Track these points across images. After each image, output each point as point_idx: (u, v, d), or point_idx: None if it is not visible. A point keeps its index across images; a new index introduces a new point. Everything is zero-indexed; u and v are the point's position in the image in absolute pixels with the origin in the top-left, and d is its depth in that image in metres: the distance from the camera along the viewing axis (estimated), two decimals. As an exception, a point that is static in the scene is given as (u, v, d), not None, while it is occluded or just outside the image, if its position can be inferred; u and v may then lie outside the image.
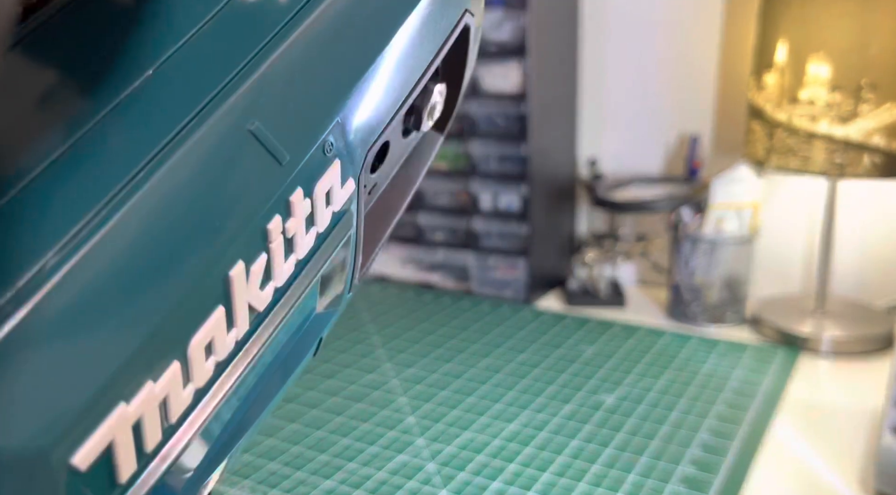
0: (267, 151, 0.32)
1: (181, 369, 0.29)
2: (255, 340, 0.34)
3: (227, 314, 0.31)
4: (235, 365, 0.33)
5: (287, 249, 0.34)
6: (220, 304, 0.31)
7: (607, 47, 1.05)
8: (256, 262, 0.32)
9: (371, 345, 0.88)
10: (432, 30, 0.43)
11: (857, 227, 0.94)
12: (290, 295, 0.36)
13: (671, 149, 1.04)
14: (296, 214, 0.34)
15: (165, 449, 0.30)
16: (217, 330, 0.31)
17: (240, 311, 0.32)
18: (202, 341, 0.30)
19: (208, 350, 0.31)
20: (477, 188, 1.02)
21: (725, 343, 0.86)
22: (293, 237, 0.35)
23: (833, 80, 0.77)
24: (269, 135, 0.32)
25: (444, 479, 0.61)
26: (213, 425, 0.33)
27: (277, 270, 0.34)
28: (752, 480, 0.60)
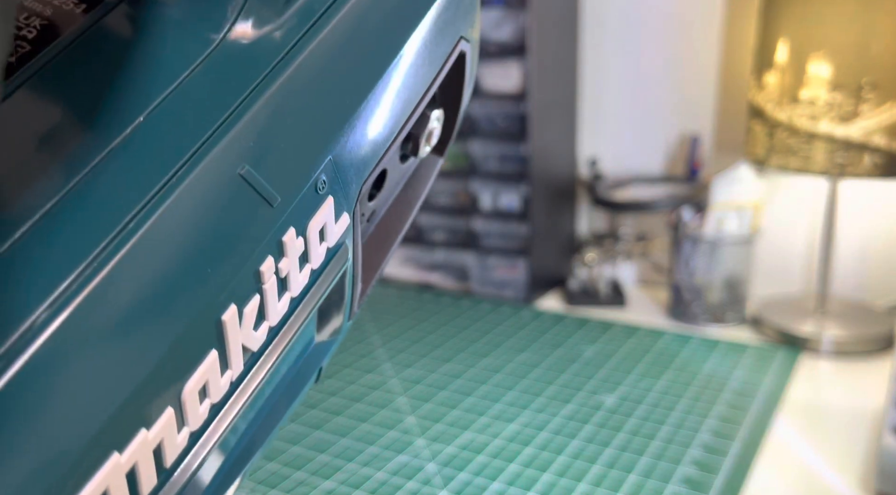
0: (258, 195, 0.32)
1: (175, 414, 0.29)
2: (251, 379, 0.34)
3: (221, 357, 0.31)
4: (231, 404, 0.33)
5: (280, 289, 0.34)
6: (213, 348, 0.31)
7: (607, 47, 1.05)
8: (249, 304, 0.32)
9: (371, 345, 0.87)
10: (427, 60, 0.42)
11: (858, 227, 0.93)
12: (285, 332, 0.35)
13: (671, 148, 1.04)
14: (288, 254, 0.34)
15: (162, 493, 0.30)
16: (211, 373, 0.31)
17: (234, 353, 0.32)
18: (196, 385, 0.30)
19: (202, 393, 0.31)
20: (477, 188, 1.01)
21: (726, 343, 0.86)
22: (286, 276, 0.34)
23: (834, 80, 0.76)
24: (260, 178, 0.32)
25: (443, 479, 0.61)
26: (210, 462, 0.33)
27: (271, 310, 0.34)
28: (753, 480, 0.60)
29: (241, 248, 0.31)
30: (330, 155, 0.36)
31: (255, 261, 0.32)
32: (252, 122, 0.32)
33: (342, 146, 0.37)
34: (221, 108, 0.31)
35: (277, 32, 0.34)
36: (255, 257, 0.32)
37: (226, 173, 0.31)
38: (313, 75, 0.35)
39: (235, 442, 0.35)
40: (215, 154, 0.30)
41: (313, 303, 0.37)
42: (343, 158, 0.37)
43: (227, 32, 0.33)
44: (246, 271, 0.32)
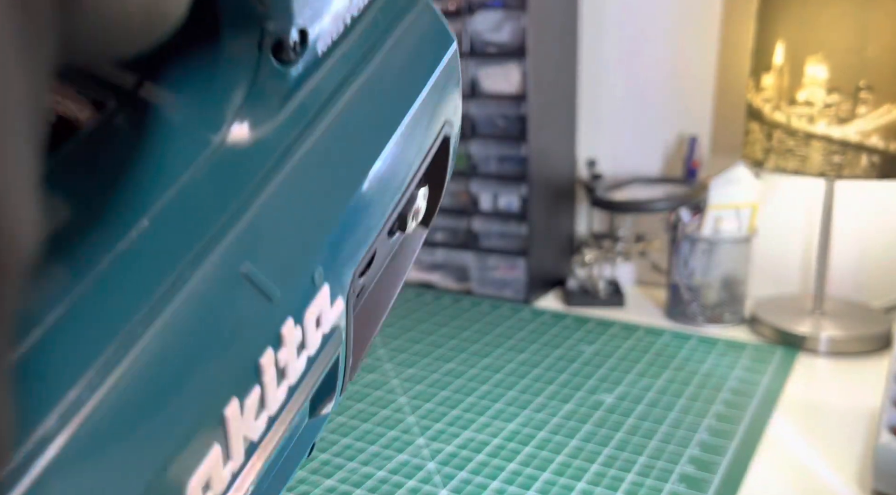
0: (259, 291, 0.32)
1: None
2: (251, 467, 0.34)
3: (224, 449, 0.31)
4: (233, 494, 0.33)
5: (279, 378, 0.34)
6: (216, 443, 0.31)
7: (606, 48, 1.05)
8: (251, 396, 0.32)
9: (371, 345, 0.88)
10: (413, 149, 0.43)
11: (855, 228, 0.94)
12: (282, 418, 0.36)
13: (670, 149, 1.04)
14: (287, 344, 0.34)
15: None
16: (214, 468, 0.31)
17: (235, 445, 0.32)
18: (200, 481, 0.30)
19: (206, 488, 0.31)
20: (477, 188, 1.02)
21: (724, 342, 0.86)
22: (285, 366, 0.35)
23: (831, 81, 0.77)
24: (261, 275, 0.32)
25: (443, 479, 0.61)
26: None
27: (270, 400, 0.34)
28: (751, 479, 0.61)
29: (243, 344, 0.32)
30: (326, 247, 0.37)
31: (256, 355, 0.32)
32: (252, 220, 0.32)
33: (337, 237, 0.37)
34: (221, 209, 0.32)
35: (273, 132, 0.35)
36: (255, 350, 0.32)
37: (228, 272, 0.31)
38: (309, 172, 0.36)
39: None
40: (218, 254, 0.31)
41: (310, 388, 0.38)
42: (338, 249, 0.38)
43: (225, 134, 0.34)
44: (247, 365, 0.32)
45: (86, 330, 0.27)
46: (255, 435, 0.33)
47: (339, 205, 0.38)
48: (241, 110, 0.35)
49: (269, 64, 0.35)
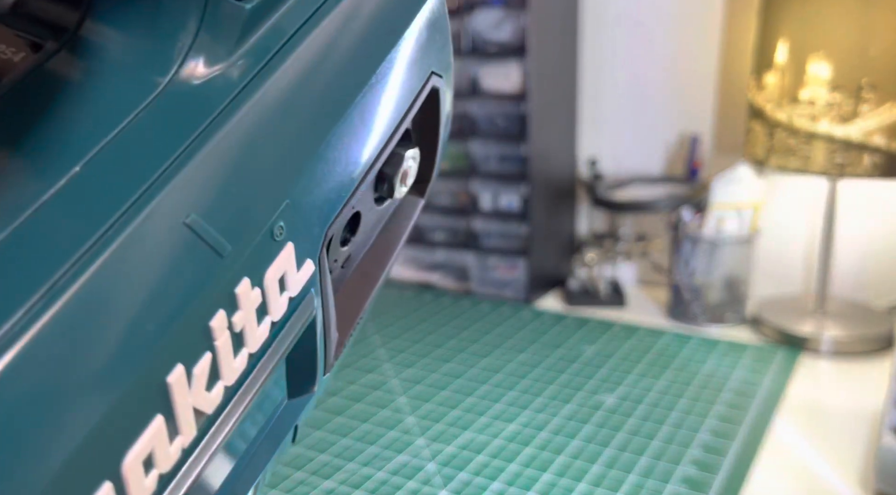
0: (206, 245, 0.29)
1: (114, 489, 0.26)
2: (207, 444, 0.31)
3: (169, 422, 0.28)
4: (185, 473, 0.30)
5: (236, 344, 0.32)
6: (157, 413, 0.28)
7: (607, 47, 1.05)
8: (199, 363, 0.30)
9: (371, 345, 0.88)
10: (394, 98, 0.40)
11: (858, 227, 0.93)
12: (244, 391, 0.33)
13: (671, 149, 1.04)
14: (243, 307, 0.31)
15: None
16: (157, 441, 0.28)
17: (184, 418, 0.29)
18: (139, 456, 0.27)
19: (147, 464, 0.28)
20: (477, 188, 1.01)
21: (726, 343, 0.86)
22: (242, 331, 0.32)
23: (833, 80, 0.77)
24: (208, 227, 0.29)
25: (444, 479, 0.61)
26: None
27: (226, 368, 0.31)
28: (753, 480, 0.60)
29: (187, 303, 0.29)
30: (287, 199, 0.33)
31: (205, 316, 0.29)
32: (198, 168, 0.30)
33: (301, 190, 0.34)
34: (164, 155, 0.29)
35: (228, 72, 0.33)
36: (203, 312, 0.29)
37: (169, 223, 0.28)
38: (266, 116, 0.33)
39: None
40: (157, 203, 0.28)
41: (276, 358, 0.35)
42: (303, 203, 0.34)
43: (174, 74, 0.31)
44: (194, 328, 0.29)
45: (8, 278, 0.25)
46: (208, 407, 0.31)
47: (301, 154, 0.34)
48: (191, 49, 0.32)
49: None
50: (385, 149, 0.41)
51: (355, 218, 0.42)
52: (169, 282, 0.28)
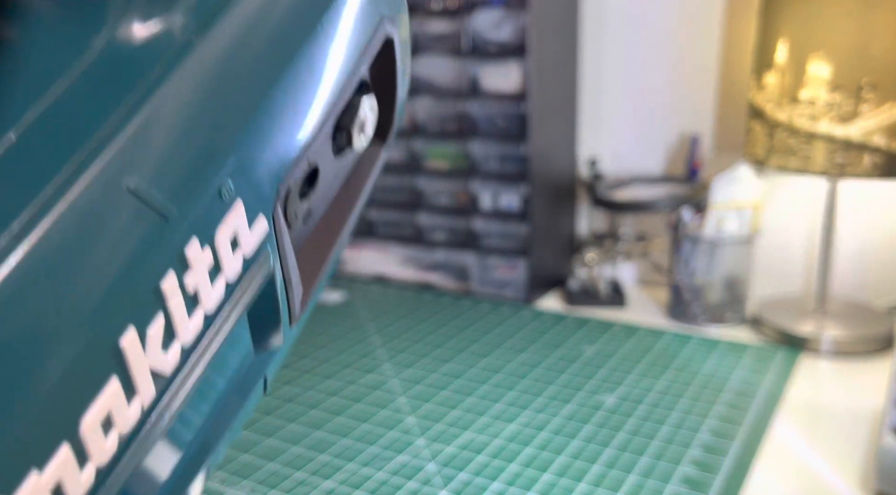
0: (150, 208, 0.29)
1: (73, 451, 0.27)
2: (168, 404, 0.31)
3: (125, 384, 0.29)
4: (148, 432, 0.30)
5: (190, 305, 0.31)
6: (112, 375, 0.28)
7: (607, 47, 1.05)
8: (153, 325, 0.30)
9: (371, 345, 0.88)
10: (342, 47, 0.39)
11: (858, 227, 0.93)
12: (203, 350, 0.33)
13: (671, 148, 1.04)
14: (194, 267, 0.31)
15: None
16: (114, 403, 0.28)
17: (140, 379, 0.29)
18: (96, 418, 0.27)
19: (106, 425, 0.28)
20: (477, 188, 1.01)
21: (726, 343, 0.86)
22: (196, 291, 0.32)
23: (833, 80, 0.76)
24: (151, 190, 0.29)
25: (444, 479, 0.61)
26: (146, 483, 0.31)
27: (181, 329, 0.31)
28: (753, 480, 0.60)
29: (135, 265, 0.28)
30: (232, 157, 0.33)
31: (154, 278, 0.29)
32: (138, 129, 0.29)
33: (247, 147, 0.34)
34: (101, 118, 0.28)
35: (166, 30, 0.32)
36: (152, 274, 0.29)
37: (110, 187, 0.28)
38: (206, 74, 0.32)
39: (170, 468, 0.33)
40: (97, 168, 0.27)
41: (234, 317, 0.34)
42: (250, 159, 0.34)
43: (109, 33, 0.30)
44: (143, 289, 0.29)
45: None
46: (166, 368, 0.31)
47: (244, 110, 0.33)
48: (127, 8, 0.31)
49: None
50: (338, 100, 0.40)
51: (314, 171, 0.41)
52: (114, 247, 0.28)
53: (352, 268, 1.14)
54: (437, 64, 1.00)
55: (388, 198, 1.09)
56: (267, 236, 0.36)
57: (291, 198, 0.38)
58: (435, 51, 1.00)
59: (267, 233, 0.36)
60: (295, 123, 0.37)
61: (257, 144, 0.34)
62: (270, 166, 0.35)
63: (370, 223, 1.11)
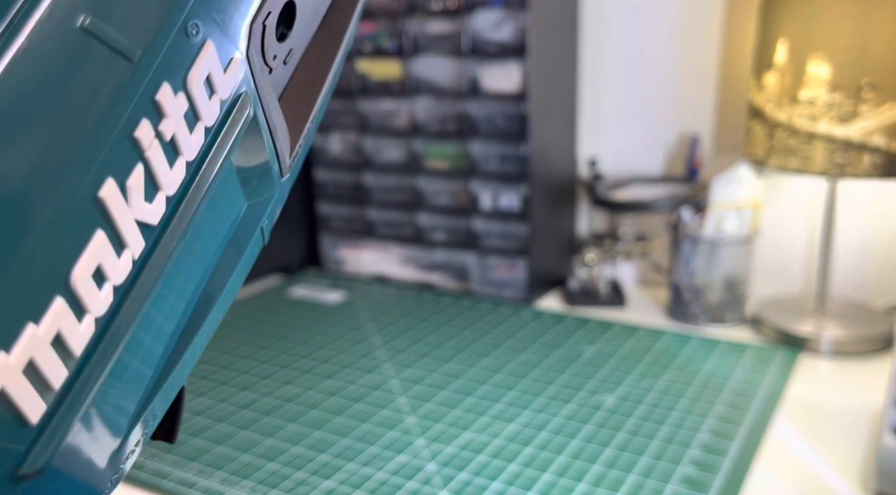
0: (110, 49, 0.28)
1: (67, 303, 0.27)
2: (161, 252, 0.32)
3: (112, 236, 0.29)
4: (144, 280, 0.31)
5: (170, 153, 0.31)
6: (97, 228, 0.28)
7: (607, 47, 1.05)
8: (132, 175, 0.29)
9: (371, 345, 0.88)
10: None
11: (858, 227, 0.94)
12: (190, 199, 0.33)
13: (671, 149, 1.04)
14: (169, 114, 0.30)
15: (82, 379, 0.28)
16: (102, 255, 0.28)
17: (127, 230, 0.30)
18: (86, 270, 0.28)
19: (98, 277, 0.29)
20: (477, 188, 1.01)
21: (726, 343, 0.86)
22: (173, 138, 0.31)
23: (833, 80, 0.77)
24: (109, 29, 0.28)
25: (444, 479, 0.61)
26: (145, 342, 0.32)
27: (164, 178, 0.31)
28: (753, 480, 0.60)
29: (103, 114, 0.28)
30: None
31: (127, 127, 0.29)
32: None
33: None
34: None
35: None
36: (124, 122, 0.28)
37: (62, 27, 0.26)
38: None
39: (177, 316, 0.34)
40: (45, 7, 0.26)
41: (219, 163, 0.34)
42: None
43: None
44: (117, 139, 0.28)
45: None
46: (152, 218, 0.31)
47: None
48: None
49: None
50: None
51: (291, 8, 0.40)
52: (77, 95, 0.27)
53: (352, 268, 1.14)
54: (437, 64, 1.00)
55: (388, 198, 1.09)
56: (244, 78, 0.35)
57: (268, 39, 0.37)
58: (435, 51, 1.00)
59: (244, 75, 0.35)
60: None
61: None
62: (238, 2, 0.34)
63: (370, 223, 1.11)
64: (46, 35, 0.26)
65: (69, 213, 0.27)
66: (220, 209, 0.36)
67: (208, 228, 0.35)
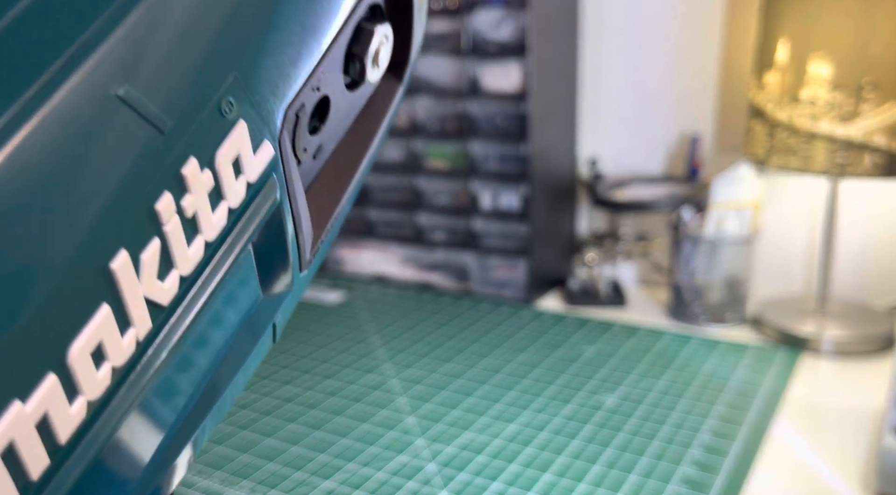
0: (142, 119, 0.27)
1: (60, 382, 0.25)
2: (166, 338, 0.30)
3: (117, 312, 0.27)
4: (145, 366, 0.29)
5: (189, 231, 0.30)
6: (103, 302, 0.26)
7: (607, 47, 1.04)
8: (147, 250, 0.28)
9: (371, 345, 0.87)
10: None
11: (859, 227, 0.93)
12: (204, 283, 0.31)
13: (672, 148, 1.04)
14: (193, 189, 0.29)
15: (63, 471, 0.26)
16: (105, 332, 0.27)
17: (135, 307, 0.28)
18: (86, 346, 0.26)
19: (98, 356, 0.27)
20: (477, 188, 1.01)
21: (726, 343, 0.86)
22: (195, 216, 0.30)
23: (834, 80, 0.76)
24: (144, 99, 0.27)
25: (444, 479, 0.61)
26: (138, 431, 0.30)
27: (180, 256, 0.29)
28: (753, 481, 0.60)
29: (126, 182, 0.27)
30: (234, 71, 0.30)
31: (148, 198, 0.27)
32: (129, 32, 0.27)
33: (251, 62, 0.31)
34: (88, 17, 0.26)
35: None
36: (146, 193, 0.27)
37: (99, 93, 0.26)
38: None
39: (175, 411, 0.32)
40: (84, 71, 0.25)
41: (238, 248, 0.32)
42: (253, 76, 0.32)
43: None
44: (136, 210, 0.27)
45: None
46: (163, 298, 0.29)
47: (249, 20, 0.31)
48: None
49: None
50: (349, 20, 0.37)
51: (325, 104, 0.39)
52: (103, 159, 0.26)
53: (352, 268, 1.14)
54: (437, 63, 1.00)
55: (388, 198, 1.09)
56: (273, 163, 0.33)
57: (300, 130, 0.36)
58: (435, 50, 0.99)
59: (273, 160, 0.33)
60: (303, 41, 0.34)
61: (262, 60, 0.32)
62: (276, 87, 0.33)
63: (370, 223, 1.11)
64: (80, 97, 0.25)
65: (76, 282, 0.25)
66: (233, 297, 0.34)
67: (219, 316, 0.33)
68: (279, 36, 0.33)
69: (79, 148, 0.25)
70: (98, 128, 0.26)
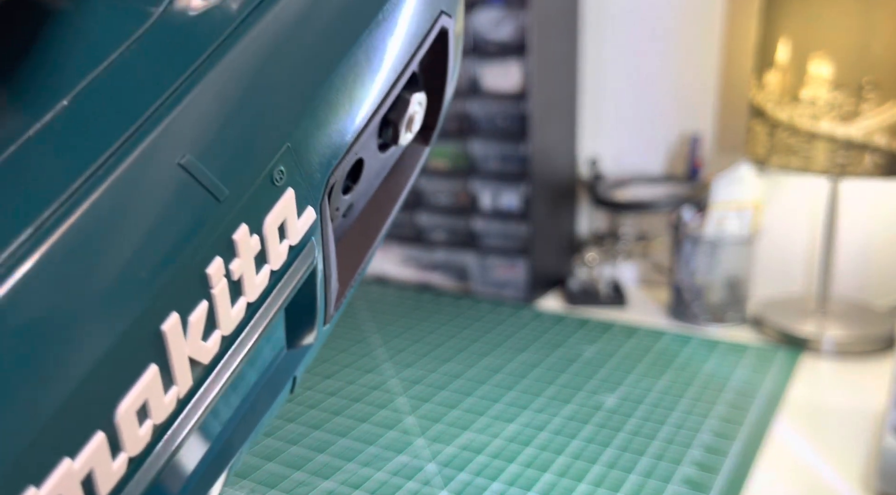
0: (201, 187, 0.28)
1: (107, 439, 0.26)
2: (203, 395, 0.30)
3: (163, 372, 0.28)
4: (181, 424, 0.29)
5: (234, 293, 0.31)
6: (151, 363, 0.27)
7: (607, 47, 1.04)
8: (196, 312, 0.29)
9: (370, 345, 0.87)
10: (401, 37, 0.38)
11: (859, 227, 0.93)
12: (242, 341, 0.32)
13: (672, 148, 1.04)
14: (241, 254, 0.30)
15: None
16: (151, 391, 0.27)
17: (179, 367, 0.28)
18: (132, 406, 0.26)
19: (142, 414, 0.27)
20: (477, 188, 1.01)
21: (726, 343, 0.85)
22: (240, 279, 0.31)
23: (835, 79, 0.76)
24: (204, 168, 0.28)
25: (444, 480, 0.61)
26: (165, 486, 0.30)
27: (223, 317, 0.30)
28: (754, 481, 0.60)
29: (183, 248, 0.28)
30: (287, 142, 0.32)
31: (201, 263, 0.28)
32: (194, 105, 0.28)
33: (302, 133, 0.33)
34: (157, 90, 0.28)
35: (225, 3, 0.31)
36: (199, 258, 0.28)
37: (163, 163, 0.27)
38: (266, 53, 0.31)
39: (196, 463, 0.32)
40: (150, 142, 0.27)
41: (276, 308, 0.33)
42: (304, 146, 0.33)
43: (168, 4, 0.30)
44: (189, 274, 0.28)
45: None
46: (205, 357, 0.30)
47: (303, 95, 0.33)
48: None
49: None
50: (391, 92, 0.39)
51: (358, 165, 0.41)
52: (163, 226, 0.27)
53: (352, 268, 1.14)
54: (438, 63, 1.00)
55: (388, 197, 1.09)
56: (313, 226, 0.35)
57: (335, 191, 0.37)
58: (435, 50, 0.99)
59: (314, 224, 0.35)
60: (349, 113, 0.36)
61: (312, 131, 0.33)
62: (322, 155, 0.34)
63: (370, 223, 1.11)
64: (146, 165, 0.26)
65: (130, 344, 0.26)
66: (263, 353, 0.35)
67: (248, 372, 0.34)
68: (330, 108, 0.34)
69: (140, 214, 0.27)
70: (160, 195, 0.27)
